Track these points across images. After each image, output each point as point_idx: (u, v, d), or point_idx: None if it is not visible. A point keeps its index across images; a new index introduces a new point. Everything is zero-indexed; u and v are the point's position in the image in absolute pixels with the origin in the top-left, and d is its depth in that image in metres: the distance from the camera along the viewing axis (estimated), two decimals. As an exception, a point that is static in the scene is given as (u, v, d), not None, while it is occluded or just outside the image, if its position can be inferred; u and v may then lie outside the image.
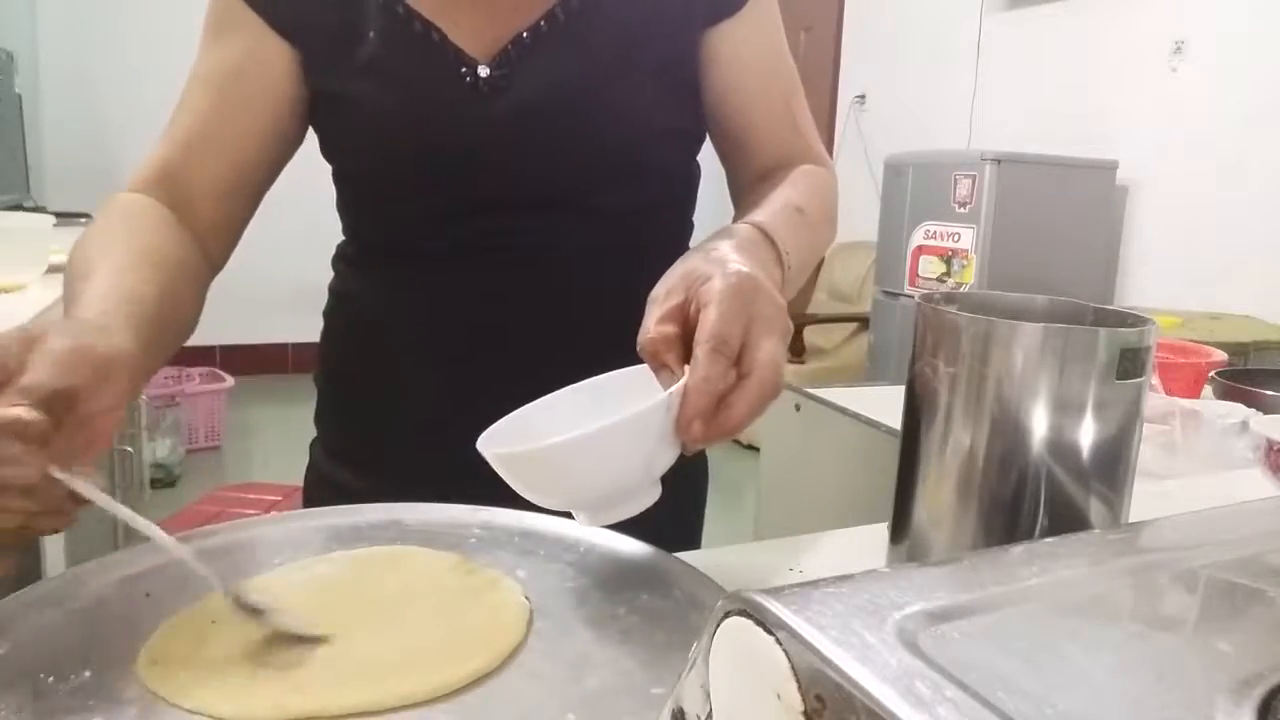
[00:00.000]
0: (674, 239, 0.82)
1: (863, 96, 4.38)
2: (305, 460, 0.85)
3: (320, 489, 0.83)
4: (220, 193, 0.72)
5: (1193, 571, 0.35)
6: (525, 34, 0.71)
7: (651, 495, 0.52)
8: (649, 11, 0.74)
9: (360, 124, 0.72)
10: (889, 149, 3.36)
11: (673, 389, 0.49)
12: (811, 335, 4.06)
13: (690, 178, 0.82)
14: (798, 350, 3.96)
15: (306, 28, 0.71)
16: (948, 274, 2.95)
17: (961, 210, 2.90)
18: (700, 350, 0.49)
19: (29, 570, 1.52)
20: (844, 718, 0.24)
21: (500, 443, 0.51)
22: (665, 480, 0.53)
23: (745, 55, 0.77)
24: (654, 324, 0.52)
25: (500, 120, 0.70)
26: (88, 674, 0.42)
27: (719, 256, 0.55)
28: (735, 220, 0.67)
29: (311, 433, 0.86)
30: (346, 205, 0.80)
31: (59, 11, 4.13)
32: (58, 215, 1.72)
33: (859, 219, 4.11)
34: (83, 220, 2.64)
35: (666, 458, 0.51)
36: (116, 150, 4.16)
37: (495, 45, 0.71)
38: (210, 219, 0.72)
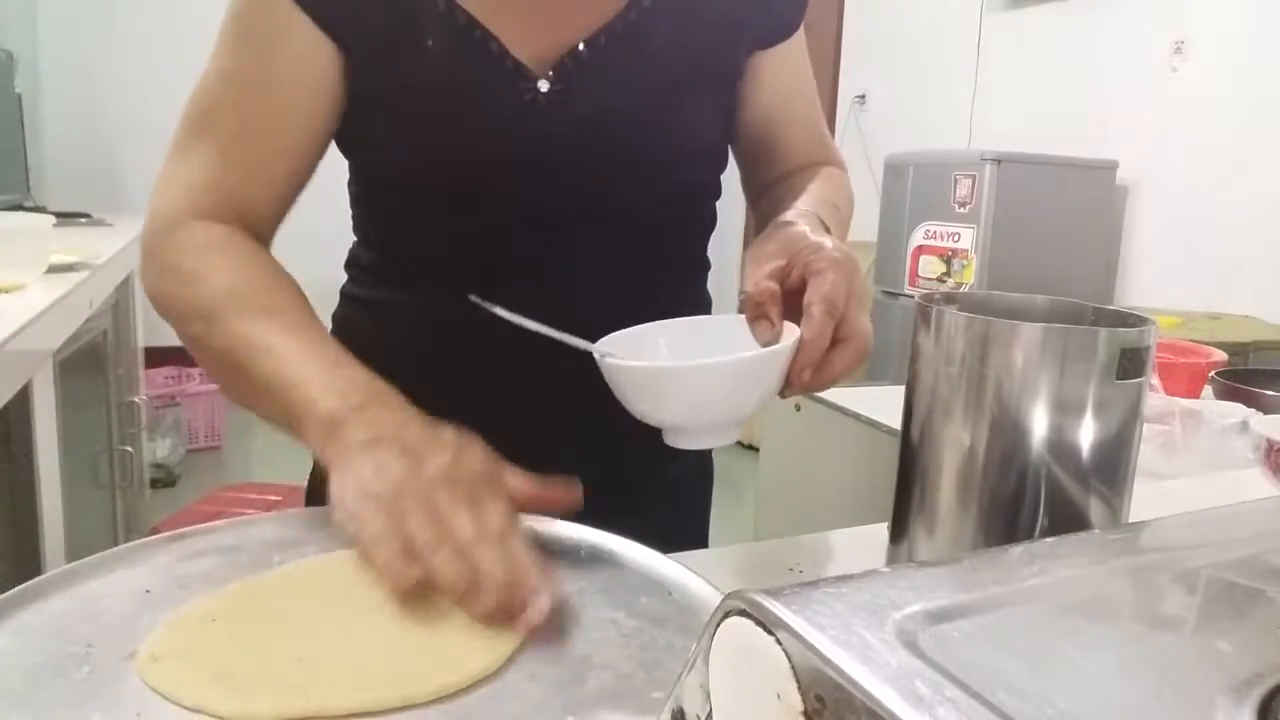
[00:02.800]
0: (697, 252, 0.85)
1: (863, 96, 4.38)
2: (306, 460, 0.85)
3: (325, 491, 0.82)
4: (274, 211, 0.71)
5: (1193, 571, 0.35)
6: (583, 48, 0.70)
7: (736, 434, 0.58)
8: (702, 29, 0.74)
9: (411, 128, 0.69)
10: (889, 149, 3.36)
11: (790, 339, 0.55)
12: (811, 335, 4.05)
13: (718, 193, 0.84)
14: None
15: (360, 26, 0.68)
16: (948, 274, 2.95)
17: (961, 210, 2.90)
18: (816, 310, 0.56)
19: (28, 566, 1.52)
20: (844, 718, 0.24)
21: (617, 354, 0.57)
22: (675, 485, 0.54)
23: (786, 75, 0.81)
24: (763, 278, 0.58)
25: (557, 136, 0.70)
26: (87, 670, 0.42)
27: (815, 234, 0.62)
28: (776, 208, 0.72)
29: None
30: (371, 210, 0.79)
31: (59, 11, 4.13)
32: (58, 215, 1.72)
33: (859, 219, 4.09)
34: (82, 220, 2.64)
35: (765, 399, 0.57)
36: (116, 150, 4.16)
37: (552, 57, 0.70)
38: (265, 237, 0.71)
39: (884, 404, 1.30)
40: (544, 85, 0.69)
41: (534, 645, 0.46)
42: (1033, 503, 0.53)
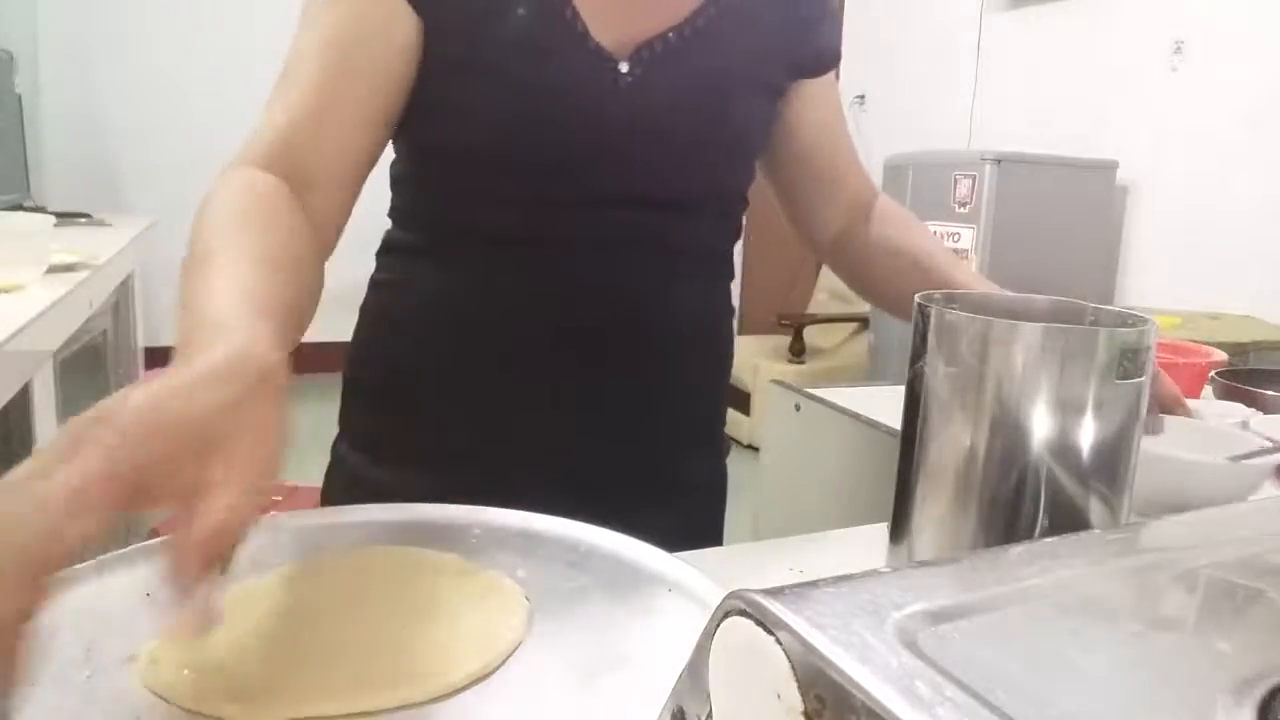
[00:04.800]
0: (727, 257, 0.87)
1: (863, 96, 4.38)
2: (305, 460, 0.85)
3: (346, 490, 0.82)
4: (341, 178, 0.68)
5: (1193, 571, 0.35)
6: (662, 38, 0.73)
7: None
8: (758, 39, 0.79)
9: (494, 96, 0.70)
10: (889, 149, 3.36)
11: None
12: (811, 335, 4.06)
13: (747, 204, 0.86)
14: (798, 350, 3.96)
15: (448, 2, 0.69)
16: (948, 274, 2.94)
17: (961, 210, 2.90)
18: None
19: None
20: (844, 718, 0.24)
21: None
22: (690, 491, 0.54)
23: (828, 107, 0.88)
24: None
25: (633, 119, 0.72)
26: (87, 674, 0.42)
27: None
28: (933, 278, 0.80)
29: (310, 432, 0.85)
30: (421, 187, 0.78)
31: (59, 11, 4.13)
32: (58, 215, 1.72)
33: (859, 219, 4.11)
34: (82, 220, 2.64)
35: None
36: (116, 150, 4.16)
37: (634, 43, 0.73)
38: (326, 206, 0.67)
39: (884, 404, 1.30)
40: (624, 67, 0.72)
41: (531, 644, 0.46)
42: (1033, 503, 0.53)
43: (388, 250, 0.82)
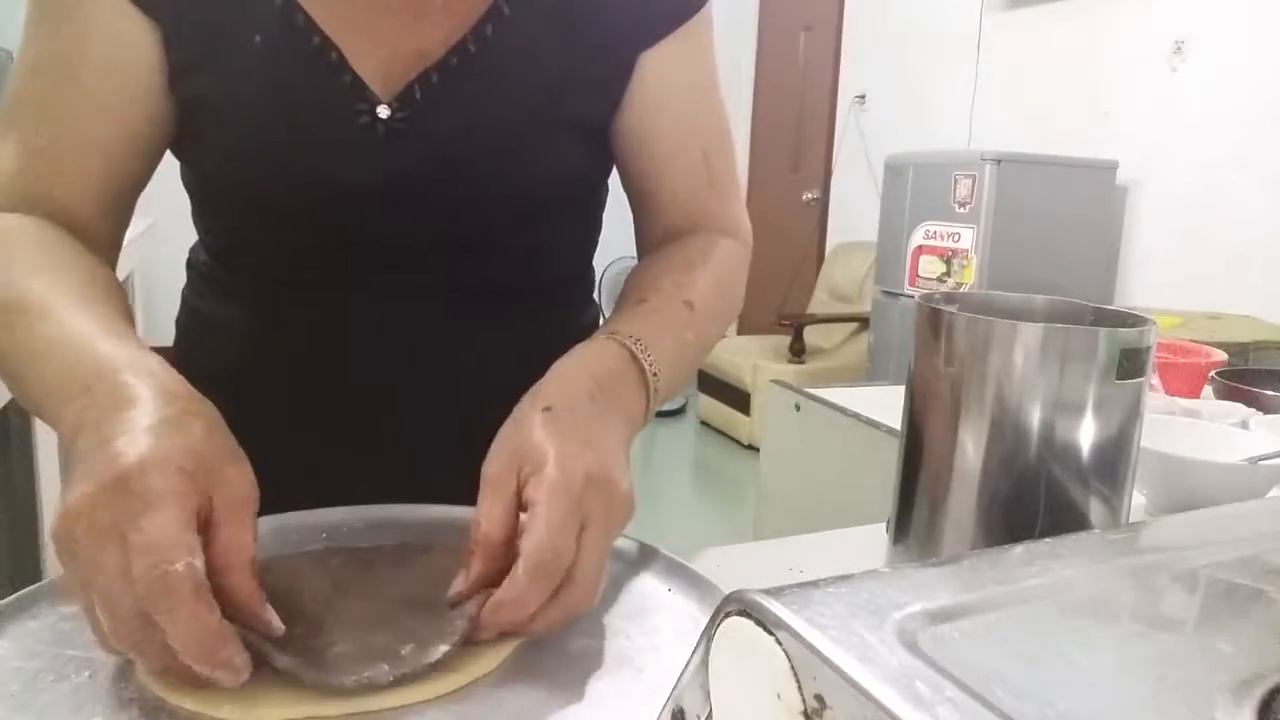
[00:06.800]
0: (575, 268, 0.78)
1: (863, 96, 4.39)
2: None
3: None
4: (106, 214, 0.62)
5: (1193, 571, 0.35)
6: (433, 73, 0.61)
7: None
8: (573, 30, 0.64)
9: (233, 135, 0.61)
10: (889, 149, 3.37)
11: (470, 604, 0.45)
12: (811, 335, 4.06)
13: (596, 207, 0.76)
14: (798, 350, 3.96)
15: (176, 9, 0.59)
16: (948, 274, 2.95)
17: (961, 210, 2.90)
18: (522, 566, 0.43)
19: (29, 571, 1.52)
20: (844, 718, 0.24)
21: None
22: None
23: (663, 99, 0.68)
24: (491, 512, 0.47)
25: (396, 169, 0.62)
26: (87, 675, 0.42)
27: (556, 426, 0.48)
28: (616, 310, 0.63)
29: None
30: (204, 209, 0.71)
31: (59, 12, 4.13)
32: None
33: (859, 219, 4.12)
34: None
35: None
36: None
37: (400, 76, 0.61)
38: (94, 237, 0.61)
39: (884, 404, 1.30)
40: (384, 111, 0.61)
41: (532, 644, 0.46)
42: (1033, 503, 0.53)
43: (192, 264, 0.76)
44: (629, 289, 0.66)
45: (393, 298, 0.67)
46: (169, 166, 0.69)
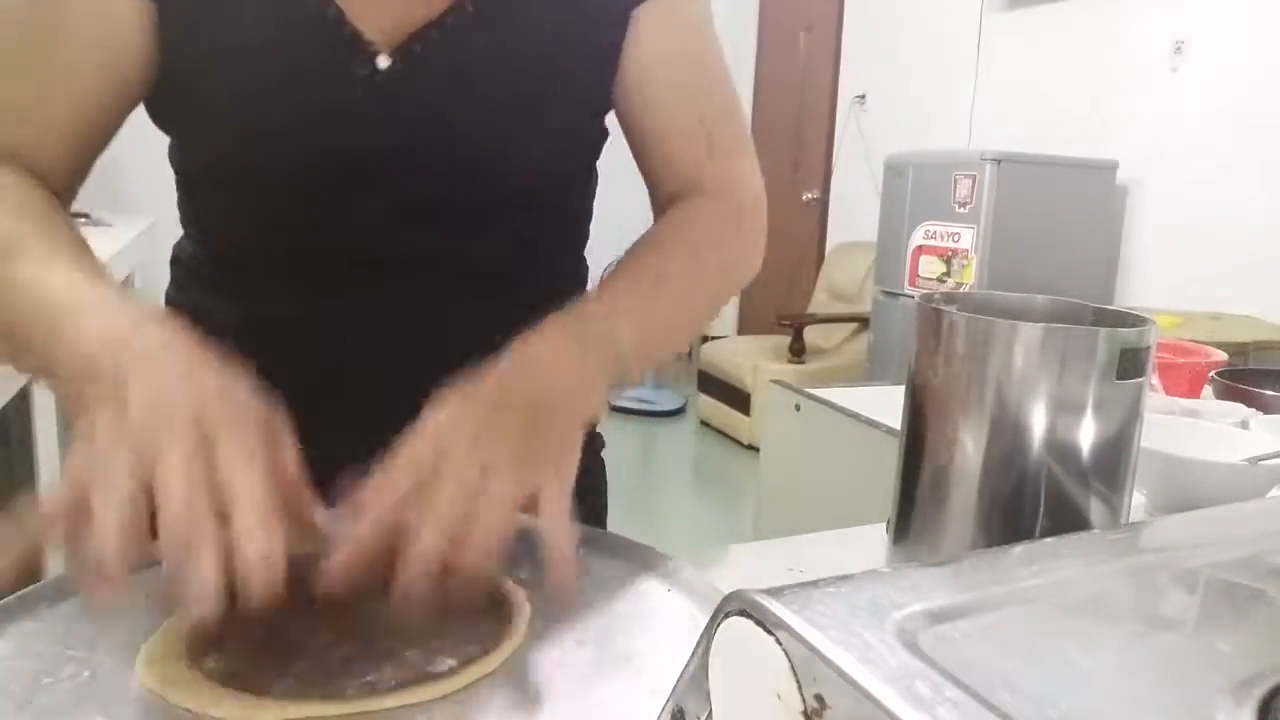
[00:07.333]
0: (567, 235, 0.77)
1: (863, 96, 4.39)
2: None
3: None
4: (73, 168, 0.64)
5: (1193, 571, 0.35)
6: (432, 29, 0.62)
7: None
8: (571, 2, 0.65)
9: (227, 100, 0.61)
10: (889, 149, 3.37)
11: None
12: (811, 335, 4.06)
13: (588, 174, 0.76)
14: (798, 350, 3.96)
15: None
16: (948, 274, 2.95)
17: (961, 210, 2.90)
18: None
19: (30, 570, 1.52)
20: (844, 718, 0.24)
21: None
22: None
23: (656, 68, 0.69)
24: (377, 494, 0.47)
25: (393, 125, 0.62)
26: (87, 674, 0.42)
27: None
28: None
29: None
30: (191, 197, 0.71)
31: (59, 12, 4.13)
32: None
33: (859, 219, 4.12)
34: (81, 220, 2.64)
35: None
36: (116, 150, 4.14)
37: (398, 32, 0.61)
38: (60, 193, 0.63)
39: (884, 404, 1.30)
40: (384, 61, 0.61)
41: (532, 645, 0.46)
42: (1033, 503, 0.53)
43: (176, 260, 0.75)
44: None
45: (383, 284, 0.67)
46: (168, 168, 0.69)
